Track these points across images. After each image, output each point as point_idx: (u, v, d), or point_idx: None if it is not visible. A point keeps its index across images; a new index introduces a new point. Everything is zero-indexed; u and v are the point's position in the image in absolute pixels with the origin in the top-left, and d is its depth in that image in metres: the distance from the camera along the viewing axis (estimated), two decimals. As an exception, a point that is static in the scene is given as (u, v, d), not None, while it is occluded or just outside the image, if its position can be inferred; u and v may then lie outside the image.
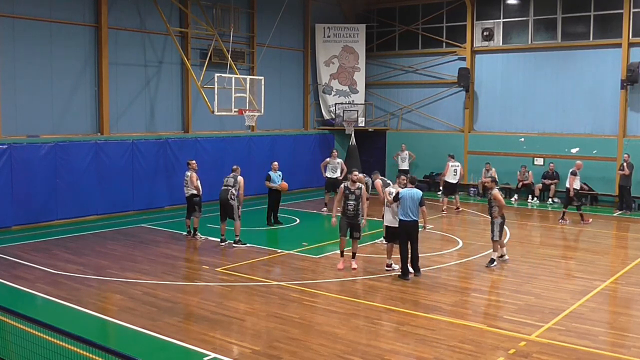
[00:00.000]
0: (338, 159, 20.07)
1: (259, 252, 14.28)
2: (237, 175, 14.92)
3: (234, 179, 14.85)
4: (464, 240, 15.69)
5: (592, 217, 18.83)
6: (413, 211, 11.87)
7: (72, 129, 18.21)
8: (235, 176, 14.91)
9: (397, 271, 12.22)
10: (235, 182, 14.79)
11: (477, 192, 23.63)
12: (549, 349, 8.42)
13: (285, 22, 23.49)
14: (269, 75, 22.48)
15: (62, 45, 17.83)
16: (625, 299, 11.29)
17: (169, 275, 12.21)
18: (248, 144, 22.63)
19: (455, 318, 9.79)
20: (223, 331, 9.15)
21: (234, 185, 14.75)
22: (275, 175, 17.31)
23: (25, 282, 11.56)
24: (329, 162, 20.01)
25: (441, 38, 25.22)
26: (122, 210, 18.72)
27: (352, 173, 12.78)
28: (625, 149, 20.99)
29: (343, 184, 12.94)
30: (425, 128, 25.82)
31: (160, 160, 19.71)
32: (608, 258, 14.53)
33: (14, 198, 16.32)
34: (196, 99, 20.84)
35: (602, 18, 21.86)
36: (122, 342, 8.79)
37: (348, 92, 26.63)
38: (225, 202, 14.66)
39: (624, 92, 21.25)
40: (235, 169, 15.15)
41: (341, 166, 19.86)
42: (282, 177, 17.47)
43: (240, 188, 14.77)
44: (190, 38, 20.87)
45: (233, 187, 14.74)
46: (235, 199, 14.66)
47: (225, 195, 14.69)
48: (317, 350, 8.35)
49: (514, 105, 23.71)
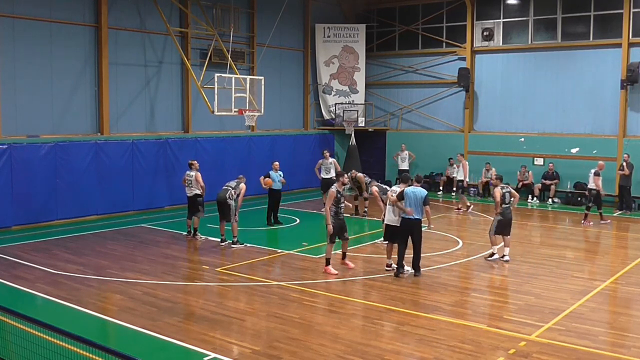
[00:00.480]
0: (330, 159, 20.01)
1: (259, 252, 14.28)
2: (241, 182, 15.00)
3: (237, 183, 14.93)
4: (464, 240, 15.69)
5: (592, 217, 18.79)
6: (417, 210, 11.85)
7: (72, 129, 18.21)
8: (238, 182, 14.99)
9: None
10: (237, 187, 14.83)
11: (477, 192, 23.63)
12: (549, 349, 8.42)
13: (285, 22, 23.49)
14: (269, 75, 22.48)
15: (62, 45, 17.83)
16: (625, 299, 11.29)
17: (169, 275, 12.21)
18: (248, 144, 22.63)
19: (456, 318, 9.79)
20: (223, 331, 9.15)
21: (235, 188, 14.77)
22: (276, 175, 17.26)
23: (25, 282, 11.56)
24: (322, 163, 19.93)
25: (441, 38, 25.22)
26: (122, 210, 18.72)
27: (343, 176, 12.51)
28: (625, 149, 20.99)
29: (333, 187, 12.22)
30: (425, 128, 25.83)
31: (160, 160, 19.70)
32: (608, 258, 14.54)
33: (14, 198, 16.32)
34: (196, 99, 20.84)
35: (602, 18, 21.86)
36: (122, 342, 8.79)
37: (348, 92, 26.63)
38: (223, 201, 14.65)
39: (624, 92, 21.25)
40: (240, 178, 15.16)
41: (334, 165, 19.82)
42: (282, 177, 17.52)
43: (240, 194, 14.82)
44: (190, 38, 20.87)
45: (234, 189, 14.75)
46: (234, 199, 14.66)
47: (224, 194, 14.68)
48: (317, 350, 8.35)
49: (514, 105, 23.72)
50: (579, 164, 21.96)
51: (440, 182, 24.44)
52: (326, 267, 12.27)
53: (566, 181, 22.22)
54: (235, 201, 14.72)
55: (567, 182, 22.17)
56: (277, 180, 17.21)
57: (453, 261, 13.53)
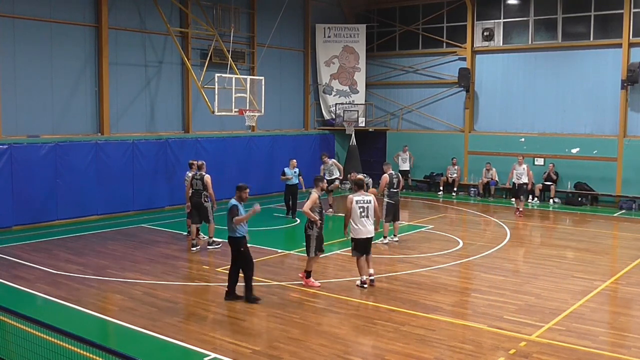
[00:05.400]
0: (330, 161, 19.88)
1: (259, 252, 14.27)
2: (204, 175, 14.32)
3: (201, 179, 14.30)
4: (464, 240, 15.69)
5: (592, 217, 18.81)
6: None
7: (73, 129, 18.21)
8: (202, 176, 14.31)
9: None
10: (204, 182, 14.27)
11: (477, 192, 23.62)
12: (549, 349, 8.41)
13: (285, 22, 23.50)
14: (269, 75, 22.49)
15: (62, 45, 17.83)
16: (625, 299, 11.28)
17: (169, 275, 12.21)
18: (248, 144, 22.63)
19: (456, 318, 9.79)
20: (223, 331, 9.15)
21: (204, 188, 14.30)
22: (291, 171, 18.44)
23: (25, 282, 11.57)
24: (324, 168, 19.73)
25: (441, 38, 25.22)
26: (122, 210, 18.73)
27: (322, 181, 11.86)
28: (625, 149, 21.00)
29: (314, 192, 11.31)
30: (426, 128, 25.82)
31: (160, 160, 19.70)
32: (608, 258, 14.54)
33: (15, 198, 16.32)
34: (196, 99, 20.85)
35: (602, 18, 21.86)
36: (122, 342, 8.78)
37: (348, 92, 26.64)
38: (199, 205, 14.34)
39: (624, 92, 21.26)
40: (199, 166, 14.48)
41: (336, 166, 19.78)
42: (298, 174, 18.39)
43: (207, 188, 14.26)
44: (190, 38, 20.87)
45: (203, 189, 14.34)
46: (208, 200, 14.43)
47: (198, 198, 14.32)
48: (317, 350, 8.35)
49: (514, 105, 23.71)
50: (579, 164, 21.98)
51: (440, 182, 24.44)
52: (307, 279, 11.50)
53: (566, 181, 22.21)
54: (209, 201, 14.43)
55: (568, 182, 22.17)
56: (289, 175, 18.41)
57: (453, 261, 13.52)
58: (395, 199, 15.08)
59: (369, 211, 11.24)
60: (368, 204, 11.24)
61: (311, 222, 11.18)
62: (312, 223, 11.17)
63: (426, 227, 17.35)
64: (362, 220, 11.18)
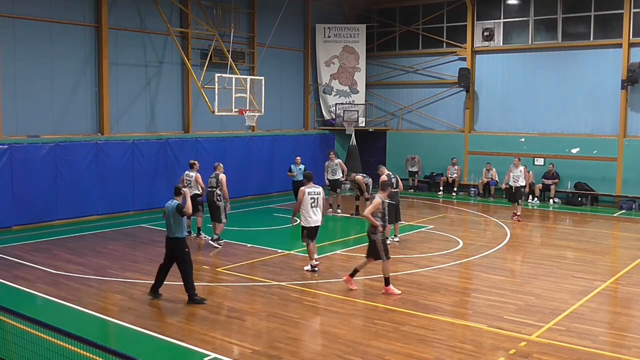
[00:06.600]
0: (336, 160, 19.91)
1: (259, 252, 14.28)
2: (220, 174, 14.89)
3: (216, 178, 14.82)
4: (464, 240, 15.69)
5: (592, 217, 18.82)
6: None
7: (73, 129, 18.21)
8: (217, 175, 14.87)
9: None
10: (219, 182, 14.74)
11: (477, 192, 23.62)
12: (550, 349, 8.41)
13: (285, 22, 23.49)
14: (270, 75, 22.48)
15: (62, 45, 17.82)
16: (625, 299, 11.29)
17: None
18: (248, 144, 22.62)
19: (456, 318, 9.79)
20: (223, 331, 9.15)
21: (217, 186, 14.73)
22: (297, 168, 19.08)
23: (25, 282, 11.56)
24: (328, 165, 19.77)
25: (441, 38, 25.22)
26: (123, 210, 18.72)
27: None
28: (625, 149, 21.00)
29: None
30: (426, 128, 25.82)
31: (160, 160, 19.68)
32: (608, 258, 14.54)
33: (15, 198, 16.31)
34: (196, 99, 20.84)
35: (602, 18, 21.86)
36: (123, 342, 8.78)
37: (348, 92, 26.63)
38: (212, 204, 14.75)
39: (624, 92, 21.25)
40: (218, 167, 15.07)
41: (340, 166, 19.76)
42: (304, 170, 18.14)
43: (222, 187, 14.72)
44: (190, 38, 20.86)
45: (217, 187, 14.74)
46: (221, 199, 14.69)
47: (211, 197, 14.77)
48: (317, 350, 8.35)
49: (514, 105, 23.71)
50: (579, 164, 21.98)
51: (440, 182, 24.45)
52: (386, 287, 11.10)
53: (566, 181, 22.21)
54: (223, 201, 14.70)
55: (568, 182, 22.17)
56: (294, 171, 19.04)
57: (453, 261, 13.52)
58: (396, 199, 15.07)
59: (319, 202, 12.28)
60: (318, 195, 12.28)
61: (373, 226, 11.09)
62: (375, 227, 11.07)
63: (426, 227, 17.34)
64: (313, 210, 12.20)
